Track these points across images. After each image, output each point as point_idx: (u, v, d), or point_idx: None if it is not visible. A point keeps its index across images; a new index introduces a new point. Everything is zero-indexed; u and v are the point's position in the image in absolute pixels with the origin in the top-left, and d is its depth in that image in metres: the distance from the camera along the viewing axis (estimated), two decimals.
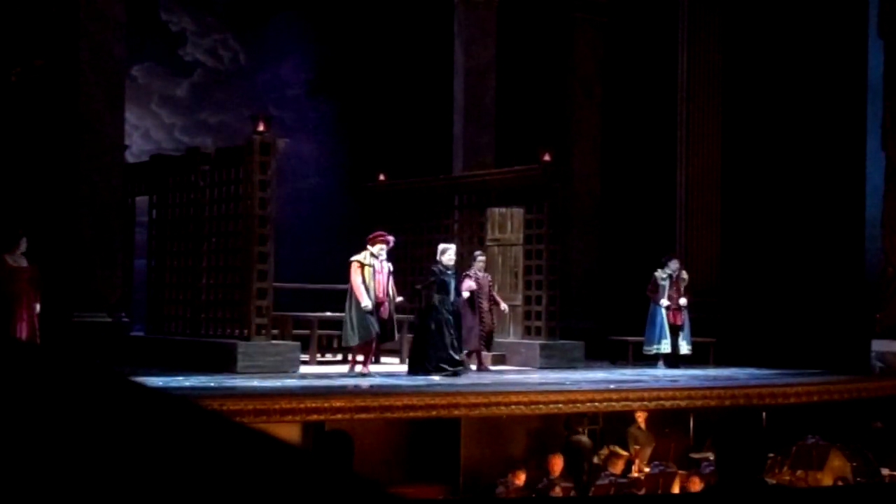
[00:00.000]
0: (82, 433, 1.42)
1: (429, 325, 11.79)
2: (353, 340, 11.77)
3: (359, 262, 11.66)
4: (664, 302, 13.89)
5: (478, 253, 13.26)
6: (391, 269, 11.91)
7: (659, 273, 14.05)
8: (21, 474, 1.31)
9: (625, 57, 17.52)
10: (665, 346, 13.87)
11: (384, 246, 11.79)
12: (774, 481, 10.40)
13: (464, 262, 14.92)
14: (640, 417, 11.92)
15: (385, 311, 11.73)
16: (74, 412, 1.45)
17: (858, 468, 11.13)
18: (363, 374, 11.62)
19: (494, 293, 13.05)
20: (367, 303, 11.46)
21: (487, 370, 12.73)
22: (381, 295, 11.66)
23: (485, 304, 12.72)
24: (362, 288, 11.53)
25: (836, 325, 15.19)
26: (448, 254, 12.09)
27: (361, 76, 17.64)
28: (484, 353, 12.96)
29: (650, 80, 17.25)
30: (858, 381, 12.56)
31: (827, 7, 16.42)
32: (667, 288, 13.94)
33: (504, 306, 12.93)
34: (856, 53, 15.43)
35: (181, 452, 1.43)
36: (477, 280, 12.78)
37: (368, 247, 11.80)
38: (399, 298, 11.91)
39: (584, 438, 11.16)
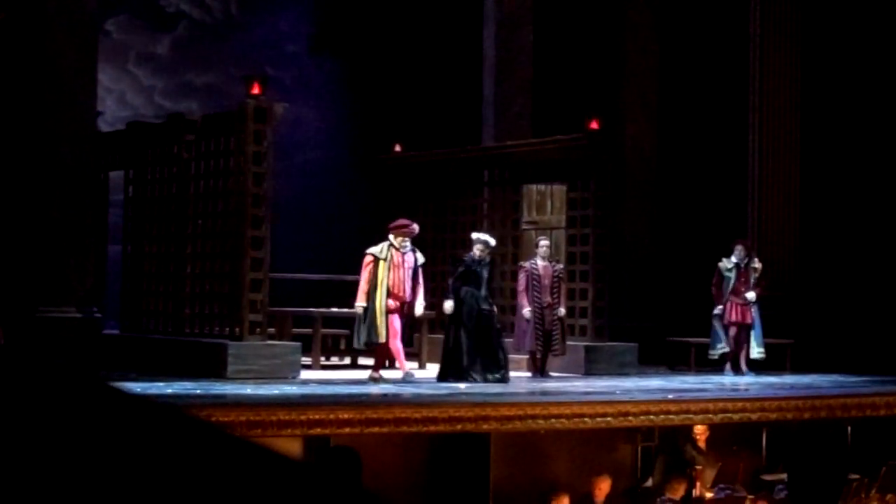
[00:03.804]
0: (54, 447, 1.48)
1: (451, 326, 11.95)
2: (355, 342, 12.03)
3: (372, 255, 11.82)
4: (718, 309, 13.89)
5: (541, 238, 13.33)
6: (418, 261, 11.98)
7: (724, 263, 14.07)
8: None
9: (687, 5, 17.48)
10: (725, 346, 13.95)
11: (407, 237, 11.92)
12: None
13: (498, 249, 14.99)
14: (701, 435, 11.98)
15: (408, 310, 11.86)
16: (45, 422, 1.51)
17: None
18: (374, 380, 11.75)
19: (563, 288, 13.04)
20: (361, 304, 11.72)
21: (548, 376, 12.82)
22: (400, 293, 11.78)
23: (546, 299, 12.80)
24: (363, 286, 11.76)
25: None
26: (476, 246, 12.14)
27: (373, 29, 17.70)
28: (546, 356, 13.00)
29: (717, 34, 17.21)
30: None
31: None
32: (732, 280, 13.95)
33: (562, 311, 12.94)
34: None
35: (167, 470, 1.49)
36: (534, 271, 12.84)
37: (390, 236, 11.93)
38: (420, 303, 11.94)
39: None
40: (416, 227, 12.14)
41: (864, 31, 16.61)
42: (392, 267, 11.77)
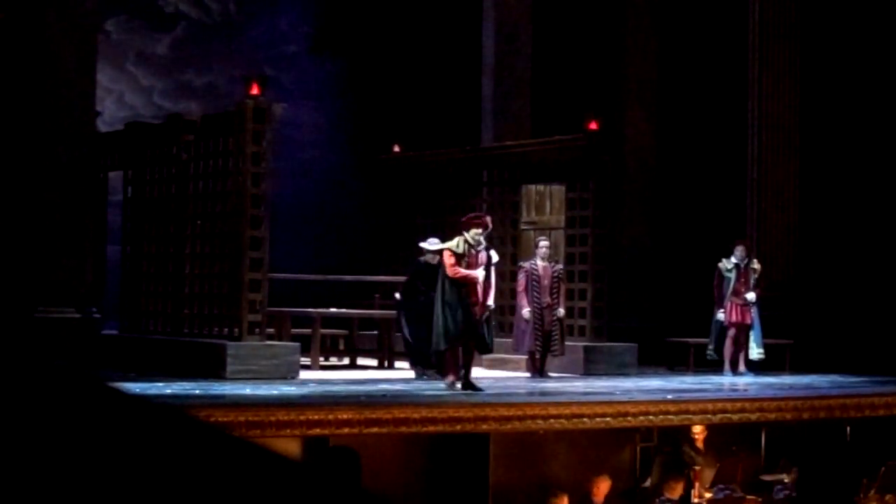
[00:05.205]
0: (54, 447, 1.48)
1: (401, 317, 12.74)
2: (443, 344, 11.16)
3: (450, 250, 11.16)
4: (720, 314, 13.91)
5: (541, 238, 13.32)
6: (492, 259, 11.32)
7: (723, 264, 14.08)
8: None
9: (686, 5, 17.48)
10: (713, 354, 14.00)
11: (481, 230, 11.26)
12: None
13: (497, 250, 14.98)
14: (699, 436, 11.99)
15: (480, 311, 11.11)
16: (45, 422, 1.52)
17: None
18: (452, 384, 11.09)
19: (563, 288, 13.06)
20: (478, 272, 10.98)
21: (547, 377, 12.83)
22: (477, 292, 11.09)
23: (545, 300, 12.81)
24: (463, 272, 11.01)
25: None
26: (427, 256, 12.59)
27: (372, 30, 17.70)
28: (545, 356, 13.03)
29: (716, 34, 17.21)
30: None
31: None
32: (732, 281, 13.96)
33: (561, 311, 12.95)
34: None
35: (167, 470, 1.50)
36: (534, 271, 12.85)
37: (463, 232, 11.29)
38: (490, 303, 11.23)
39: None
40: (488, 218, 11.60)
41: (863, 31, 16.61)
42: (469, 265, 11.15)
